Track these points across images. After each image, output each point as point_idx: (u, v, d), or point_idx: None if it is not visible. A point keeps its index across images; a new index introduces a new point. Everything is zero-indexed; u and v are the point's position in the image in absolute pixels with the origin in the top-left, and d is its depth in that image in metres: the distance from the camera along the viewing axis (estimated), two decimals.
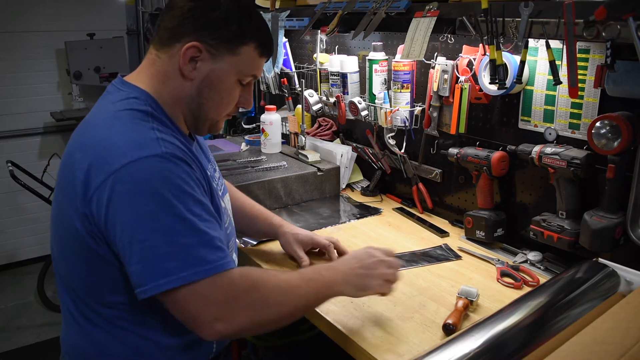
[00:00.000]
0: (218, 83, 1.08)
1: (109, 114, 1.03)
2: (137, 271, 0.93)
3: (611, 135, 1.25)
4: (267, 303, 1.02)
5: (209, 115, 1.12)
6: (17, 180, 3.05)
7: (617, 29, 1.12)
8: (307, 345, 1.85)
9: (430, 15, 1.55)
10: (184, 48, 1.03)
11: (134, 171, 0.93)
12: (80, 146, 1.01)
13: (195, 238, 0.95)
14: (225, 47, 1.06)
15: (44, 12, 3.61)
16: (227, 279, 0.97)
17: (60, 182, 1.06)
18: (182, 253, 0.93)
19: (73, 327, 1.08)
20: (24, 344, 3.00)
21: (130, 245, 0.93)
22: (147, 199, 0.92)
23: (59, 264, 1.09)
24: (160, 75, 1.07)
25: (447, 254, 1.57)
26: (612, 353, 0.87)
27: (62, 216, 1.02)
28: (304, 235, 1.48)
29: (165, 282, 0.92)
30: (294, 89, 2.39)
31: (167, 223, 0.93)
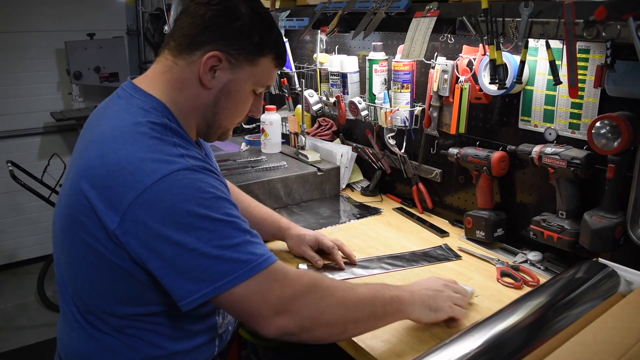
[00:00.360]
0: (235, 93, 1.08)
1: (128, 126, 0.98)
2: (191, 279, 0.91)
3: (611, 135, 1.25)
4: (330, 302, 1.01)
5: (222, 124, 1.12)
6: (17, 180, 3.05)
7: (617, 29, 1.11)
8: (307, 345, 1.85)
9: (430, 15, 1.55)
10: (206, 57, 1.02)
11: (169, 185, 0.91)
12: (101, 162, 0.95)
13: (241, 237, 0.95)
14: (245, 58, 1.06)
15: (44, 12, 3.61)
16: (279, 270, 0.97)
17: (71, 193, 0.99)
18: (234, 253, 0.93)
19: (78, 333, 1.06)
20: (24, 344, 3.00)
21: (178, 257, 0.91)
22: (187, 209, 0.91)
23: (65, 272, 1.06)
24: (177, 83, 1.05)
25: (447, 254, 1.56)
26: (612, 353, 0.87)
27: (76, 229, 0.98)
28: (310, 236, 1.49)
29: (224, 283, 0.91)
30: (294, 89, 2.39)
31: (212, 228, 0.92)
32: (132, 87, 1.07)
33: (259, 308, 0.94)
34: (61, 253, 1.06)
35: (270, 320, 0.95)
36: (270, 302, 0.94)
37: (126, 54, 3.84)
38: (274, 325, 0.95)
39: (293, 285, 0.97)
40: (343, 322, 1.02)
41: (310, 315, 0.98)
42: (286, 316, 0.95)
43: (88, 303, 1.03)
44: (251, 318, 0.95)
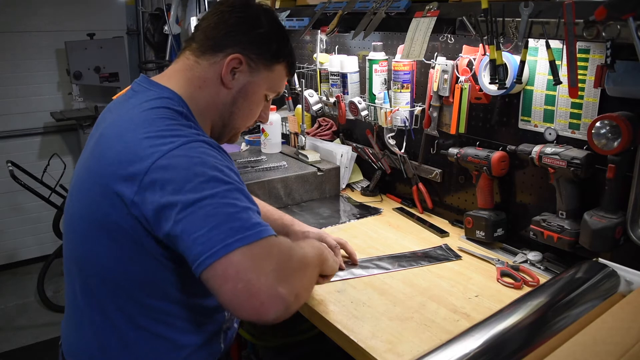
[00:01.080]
0: (251, 94, 1.16)
1: (143, 110, 1.03)
2: (202, 236, 0.89)
3: (611, 135, 1.25)
4: (305, 261, 1.07)
5: (236, 125, 1.20)
6: (17, 180, 3.05)
7: (617, 29, 1.11)
8: (307, 345, 1.85)
9: (430, 15, 1.55)
10: (229, 58, 1.10)
11: (184, 152, 0.95)
12: (119, 141, 0.99)
13: (249, 203, 0.96)
14: (263, 62, 1.15)
15: (44, 12, 3.61)
16: (278, 239, 0.98)
17: (87, 181, 1.03)
18: (244, 214, 0.93)
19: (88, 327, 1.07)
20: (24, 344, 3.00)
21: (190, 216, 0.90)
22: (202, 171, 0.93)
23: (83, 265, 1.06)
24: (198, 81, 1.12)
25: (447, 254, 1.57)
26: (612, 353, 0.88)
27: (93, 212, 1.00)
28: (314, 233, 1.50)
29: (234, 241, 0.89)
30: (294, 89, 2.39)
31: (224, 189, 0.94)
32: (147, 81, 1.12)
33: (262, 276, 0.88)
34: (76, 241, 1.08)
35: (273, 291, 0.88)
36: (274, 270, 0.90)
37: (126, 54, 3.84)
38: (275, 295, 0.88)
39: (288, 254, 0.98)
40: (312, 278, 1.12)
41: (300, 280, 0.99)
42: (287, 284, 0.91)
43: (100, 293, 1.04)
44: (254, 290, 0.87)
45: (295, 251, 1.02)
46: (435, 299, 1.31)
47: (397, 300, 1.30)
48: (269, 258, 0.91)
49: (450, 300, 1.30)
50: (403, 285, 1.37)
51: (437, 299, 1.31)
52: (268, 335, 1.85)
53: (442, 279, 1.41)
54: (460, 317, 1.23)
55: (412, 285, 1.38)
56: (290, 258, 0.98)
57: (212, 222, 0.90)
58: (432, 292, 1.34)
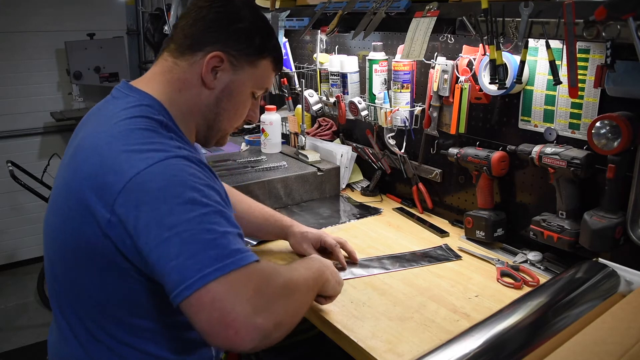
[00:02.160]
0: (236, 94, 1.10)
1: (121, 119, 0.97)
2: (178, 266, 0.84)
3: (611, 135, 1.25)
4: (291, 287, 0.98)
5: (222, 126, 1.13)
6: (17, 180, 3.05)
7: (617, 29, 1.11)
8: (307, 345, 1.85)
9: (430, 15, 1.55)
10: (208, 57, 1.04)
11: (161, 169, 0.89)
12: (94, 154, 0.94)
13: (229, 228, 0.91)
14: (246, 59, 1.08)
15: (44, 12, 3.61)
16: (260, 267, 0.92)
17: (63, 195, 0.99)
18: (223, 240, 0.88)
19: (70, 342, 1.04)
20: (24, 344, 3.00)
21: (166, 242, 0.86)
22: (178, 192, 0.88)
23: (58, 277, 1.03)
24: (178, 83, 1.06)
25: (447, 254, 1.56)
26: (612, 353, 0.88)
27: (68, 230, 0.97)
28: (313, 234, 1.49)
29: (212, 271, 0.84)
30: (294, 89, 2.39)
31: (202, 212, 0.88)
32: (127, 87, 1.06)
33: (240, 306, 0.84)
34: (54, 257, 1.03)
35: (249, 321, 0.84)
36: (252, 300, 0.86)
37: (126, 54, 3.84)
38: (253, 327, 0.84)
39: (270, 282, 0.92)
40: (300, 305, 1.01)
41: (283, 308, 0.93)
42: (265, 315, 0.87)
43: (81, 310, 1.01)
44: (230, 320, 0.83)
45: (280, 276, 0.96)
46: (435, 299, 1.31)
47: (397, 300, 1.30)
48: (247, 286, 0.86)
49: (450, 300, 1.30)
50: (403, 285, 1.37)
51: (437, 299, 1.31)
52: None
53: (442, 279, 1.41)
54: (460, 317, 1.23)
55: (412, 285, 1.38)
56: (272, 285, 0.92)
57: (188, 250, 0.85)
58: (432, 292, 1.34)
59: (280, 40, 2.24)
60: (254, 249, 1.58)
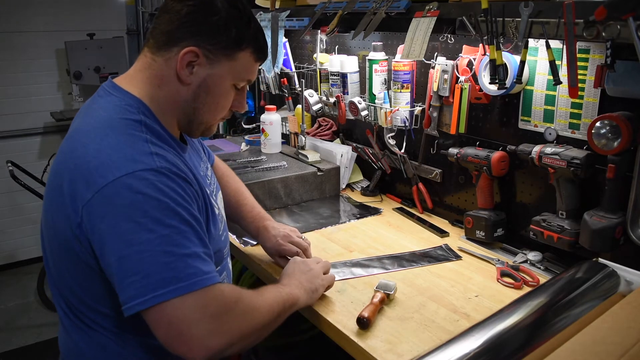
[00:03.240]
0: (214, 88, 1.08)
1: (100, 122, 1.00)
2: (134, 283, 0.89)
3: (611, 135, 1.25)
4: (252, 312, 1.01)
5: (203, 120, 1.11)
6: (17, 180, 3.05)
7: (617, 29, 1.12)
8: (307, 345, 1.85)
9: (430, 15, 1.55)
10: (182, 53, 1.03)
11: (129, 184, 0.91)
12: (70, 156, 0.98)
13: (191, 249, 0.94)
14: (222, 52, 1.05)
15: (44, 12, 3.61)
16: (219, 290, 0.95)
17: (49, 190, 1.03)
18: (180, 263, 0.91)
19: (73, 330, 1.07)
20: (24, 344, 3.00)
21: (126, 258, 0.90)
22: (142, 210, 0.91)
23: (53, 273, 1.07)
24: (155, 80, 1.06)
25: (447, 254, 1.56)
26: (612, 353, 0.87)
27: (54, 224, 1.01)
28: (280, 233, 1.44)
29: (165, 292, 0.89)
30: (294, 89, 2.39)
31: (163, 233, 0.91)
32: (111, 85, 1.08)
33: (192, 327, 0.90)
34: (47, 253, 1.08)
35: (201, 341, 0.91)
36: (205, 322, 0.91)
37: (126, 54, 3.84)
38: (203, 347, 0.91)
39: (228, 305, 0.96)
40: (260, 329, 1.03)
41: (239, 331, 0.97)
42: (219, 336, 0.93)
43: (71, 300, 1.04)
44: (180, 338, 0.90)
45: (240, 302, 0.99)
46: (435, 299, 1.31)
47: (397, 300, 1.30)
48: (202, 309, 0.91)
49: (450, 300, 1.30)
50: (403, 285, 1.37)
51: (437, 299, 1.31)
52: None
53: (442, 279, 1.41)
54: (460, 317, 1.23)
55: (412, 285, 1.38)
56: (229, 309, 0.96)
57: (145, 270, 0.89)
58: (432, 292, 1.34)
59: (280, 40, 2.25)
60: (253, 249, 1.58)
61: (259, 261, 1.52)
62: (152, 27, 1.08)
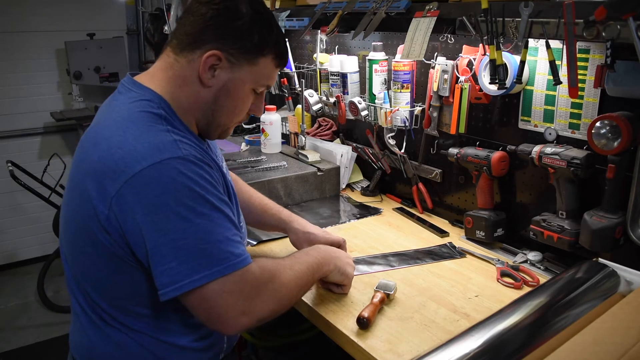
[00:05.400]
0: (234, 91, 1.09)
1: (122, 116, 1.02)
2: (170, 270, 0.93)
3: (611, 135, 1.25)
4: (283, 292, 1.07)
5: (221, 122, 1.13)
6: (17, 180, 3.05)
7: (617, 29, 1.12)
8: (307, 345, 1.85)
9: (430, 15, 1.55)
10: (205, 56, 1.04)
11: (157, 173, 0.93)
12: (94, 150, 0.99)
13: (222, 234, 0.97)
14: (244, 57, 1.07)
15: (44, 12, 3.61)
16: (251, 272, 0.99)
17: (71, 185, 1.04)
18: (213, 249, 0.95)
19: (90, 329, 1.07)
20: (24, 344, 3.00)
21: (161, 246, 0.93)
22: (174, 199, 0.93)
23: (73, 268, 1.08)
24: (177, 80, 1.07)
25: (451, 251, 1.57)
26: (612, 353, 0.87)
27: (76, 219, 1.02)
28: (316, 235, 1.45)
29: (200, 278, 0.93)
30: (294, 89, 2.39)
31: (196, 222, 0.94)
32: (131, 82, 1.09)
33: (226, 308, 0.96)
34: (68, 251, 1.08)
35: (235, 320, 0.98)
36: (239, 304, 0.97)
37: (126, 54, 3.84)
38: (237, 325, 0.99)
39: (259, 286, 1.01)
40: (290, 302, 1.10)
41: (270, 309, 1.03)
42: (250, 315, 0.99)
43: (94, 297, 1.05)
44: (217, 318, 0.97)
45: (269, 281, 1.04)
46: (435, 299, 1.31)
47: (397, 300, 1.30)
48: (234, 292, 0.97)
49: (450, 300, 1.30)
50: (403, 285, 1.37)
51: (437, 299, 1.31)
52: (268, 335, 1.85)
53: (442, 279, 1.41)
54: (460, 317, 1.23)
55: (412, 285, 1.38)
56: (259, 289, 1.01)
57: (180, 257, 0.93)
58: (432, 292, 1.34)
59: None
60: (254, 249, 1.58)
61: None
62: (176, 28, 1.10)
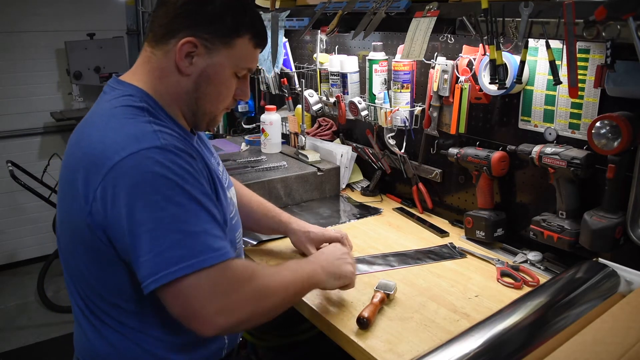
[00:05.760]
0: (215, 77, 1.08)
1: (104, 112, 1.03)
2: (147, 261, 0.91)
3: (611, 135, 1.25)
4: (265, 293, 1.02)
5: (206, 110, 1.12)
6: (17, 180, 3.05)
7: (617, 29, 1.11)
8: (307, 345, 1.85)
9: (430, 15, 1.55)
10: (180, 44, 1.03)
11: (135, 163, 0.92)
12: (78, 147, 1.01)
13: (200, 226, 0.95)
14: (220, 40, 1.05)
15: (44, 12, 3.60)
16: (230, 268, 0.96)
17: (62, 185, 1.06)
18: (190, 241, 0.93)
19: (87, 329, 1.08)
20: (24, 344, 3.00)
21: (138, 237, 0.91)
22: (151, 189, 0.92)
23: (69, 265, 1.08)
24: (156, 72, 1.07)
25: (452, 252, 1.57)
26: (612, 353, 0.88)
27: (68, 218, 1.03)
28: (315, 234, 1.49)
29: (176, 270, 0.90)
30: (294, 89, 2.39)
31: (173, 211, 0.92)
32: (115, 82, 1.10)
33: (202, 304, 0.92)
34: (64, 249, 1.09)
35: (211, 318, 0.93)
36: (215, 300, 0.94)
37: (126, 54, 3.83)
38: (213, 324, 0.94)
39: (238, 283, 0.97)
40: (273, 309, 1.04)
41: (250, 311, 0.99)
42: (227, 315, 0.95)
43: (88, 294, 1.06)
44: (193, 315, 0.93)
45: (254, 280, 1.00)
46: (435, 299, 1.31)
47: (397, 300, 1.30)
48: (213, 287, 0.93)
49: (450, 300, 1.30)
50: (403, 285, 1.37)
51: (437, 299, 1.31)
52: (268, 335, 1.85)
53: (442, 279, 1.41)
54: (460, 317, 1.23)
55: (412, 285, 1.38)
56: (241, 287, 0.97)
57: (157, 248, 0.91)
58: (432, 292, 1.34)
59: (280, 40, 2.25)
60: (253, 249, 1.58)
61: (260, 261, 1.52)
62: (150, 21, 1.09)
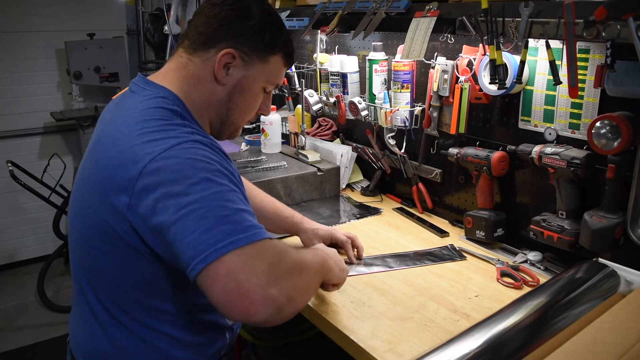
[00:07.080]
0: (247, 89, 1.13)
1: (139, 112, 1.03)
2: (193, 241, 0.88)
3: (611, 135, 1.25)
4: (302, 267, 1.02)
5: (234, 120, 1.17)
6: (17, 180, 3.05)
7: (617, 29, 1.12)
8: (307, 345, 1.85)
9: (430, 15, 1.55)
10: (220, 54, 1.08)
11: (177, 152, 0.93)
12: (114, 145, 1.00)
13: (242, 205, 0.94)
14: (257, 55, 1.11)
15: (44, 12, 3.60)
16: (271, 244, 0.95)
17: (86, 183, 1.05)
18: (235, 216, 0.91)
19: (93, 327, 1.08)
20: (24, 344, 3.00)
21: (183, 218, 0.89)
22: (193, 172, 0.92)
23: (85, 266, 1.08)
24: (192, 79, 1.10)
25: (452, 254, 1.56)
26: (612, 353, 0.87)
27: (91, 217, 1.02)
28: (323, 230, 1.51)
29: (224, 245, 0.87)
30: (294, 89, 2.39)
31: (217, 190, 0.92)
32: (144, 81, 1.11)
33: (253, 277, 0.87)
34: (77, 243, 1.09)
35: (264, 291, 0.87)
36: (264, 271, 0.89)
37: (126, 54, 3.83)
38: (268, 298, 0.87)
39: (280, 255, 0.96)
40: (308, 285, 1.04)
41: (292, 283, 0.95)
42: (277, 286, 0.90)
43: (102, 293, 1.06)
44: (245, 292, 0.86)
45: (289, 254, 1.00)
46: (435, 299, 1.31)
47: (397, 300, 1.30)
48: (260, 260, 0.90)
49: (450, 300, 1.30)
50: (403, 285, 1.37)
51: (437, 299, 1.31)
52: (268, 335, 1.85)
53: (442, 279, 1.41)
54: (460, 317, 1.23)
55: (412, 285, 1.38)
56: (283, 260, 0.96)
57: (203, 226, 0.88)
58: (432, 292, 1.34)
59: None
60: None
61: None
62: (187, 30, 1.13)
